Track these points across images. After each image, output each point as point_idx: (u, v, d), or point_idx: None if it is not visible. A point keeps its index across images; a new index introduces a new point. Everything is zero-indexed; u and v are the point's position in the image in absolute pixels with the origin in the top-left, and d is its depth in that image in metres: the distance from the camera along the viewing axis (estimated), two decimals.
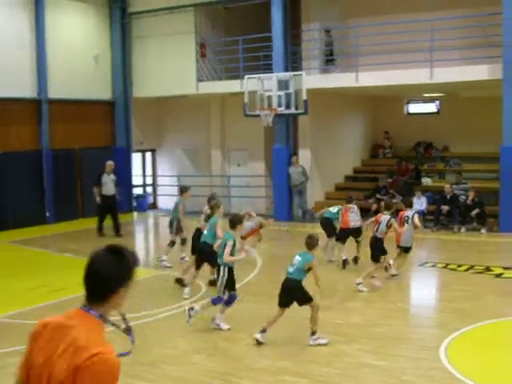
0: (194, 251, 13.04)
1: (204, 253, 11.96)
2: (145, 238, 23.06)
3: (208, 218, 12.67)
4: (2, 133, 21.87)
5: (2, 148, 21.72)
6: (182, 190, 15.45)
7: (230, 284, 10.32)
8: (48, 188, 23.01)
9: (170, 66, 24.55)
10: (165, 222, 24.57)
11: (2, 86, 21.60)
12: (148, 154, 28.03)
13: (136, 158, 27.19)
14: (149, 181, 28.13)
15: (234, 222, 10.64)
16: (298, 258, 9.65)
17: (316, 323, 9.50)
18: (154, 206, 27.60)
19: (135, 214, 25.76)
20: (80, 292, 3.50)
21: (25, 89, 22.69)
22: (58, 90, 23.46)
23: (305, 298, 9.45)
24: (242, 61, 23.17)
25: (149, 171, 28.15)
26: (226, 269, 10.27)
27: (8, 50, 22.01)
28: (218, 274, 10.44)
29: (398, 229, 13.29)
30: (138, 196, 26.91)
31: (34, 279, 14.42)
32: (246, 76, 21.60)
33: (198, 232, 12.99)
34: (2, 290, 13.62)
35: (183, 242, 15.30)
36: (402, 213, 13.96)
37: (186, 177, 26.12)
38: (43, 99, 23.07)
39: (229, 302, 10.39)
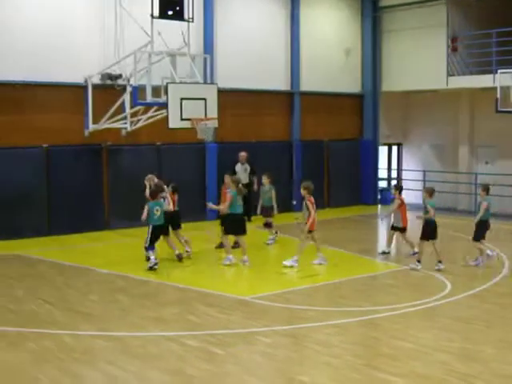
0: None
1: None
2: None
3: None
4: (256, 123, 23.21)
5: (256, 137, 23.05)
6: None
7: None
8: (296, 177, 23.92)
9: (419, 60, 24.50)
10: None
11: (259, 78, 22.91)
12: (394, 148, 28.18)
13: (382, 151, 27.45)
14: (393, 175, 28.26)
15: None
16: None
17: None
18: None
19: (379, 206, 26.01)
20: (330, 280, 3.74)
21: (279, 81, 23.83)
22: (310, 82, 24.37)
23: None
24: (494, 55, 22.52)
25: (394, 165, 28.30)
26: None
27: (265, 43, 23.29)
28: None
29: None
30: (383, 189, 27.11)
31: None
32: (499, 70, 21.01)
33: None
34: (256, 274, 14.63)
35: None
36: None
37: (432, 172, 25.91)
38: (295, 92, 24.09)
39: None
